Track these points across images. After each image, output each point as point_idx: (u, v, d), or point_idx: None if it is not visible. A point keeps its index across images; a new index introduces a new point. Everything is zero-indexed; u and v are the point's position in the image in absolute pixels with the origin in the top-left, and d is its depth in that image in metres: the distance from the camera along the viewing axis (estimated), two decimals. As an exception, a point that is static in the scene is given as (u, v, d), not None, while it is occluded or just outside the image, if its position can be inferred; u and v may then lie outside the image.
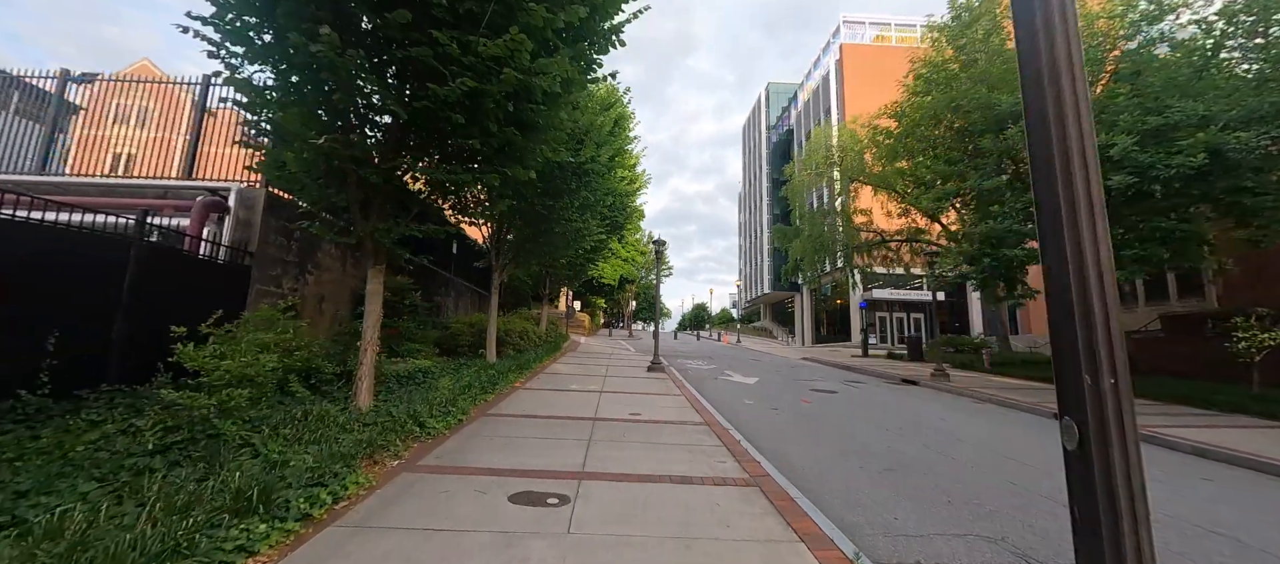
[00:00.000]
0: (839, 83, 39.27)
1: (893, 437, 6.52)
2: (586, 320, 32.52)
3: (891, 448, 5.91)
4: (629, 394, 8.59)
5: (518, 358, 11.39)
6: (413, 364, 8.56)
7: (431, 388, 6.97)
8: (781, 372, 15.01)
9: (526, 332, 13.76)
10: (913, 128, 14.76)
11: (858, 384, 12.39)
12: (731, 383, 11.72)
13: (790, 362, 19.80)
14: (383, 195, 5.63)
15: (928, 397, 10.67)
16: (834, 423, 7.31)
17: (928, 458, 5.52)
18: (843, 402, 9.41)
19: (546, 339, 17.53)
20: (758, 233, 56.46)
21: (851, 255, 24.60)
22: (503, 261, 11.25)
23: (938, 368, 12.78)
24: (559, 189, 10.03)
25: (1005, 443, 6.47)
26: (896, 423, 7.46)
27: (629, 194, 18.10)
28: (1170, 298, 18.66)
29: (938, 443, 6.27)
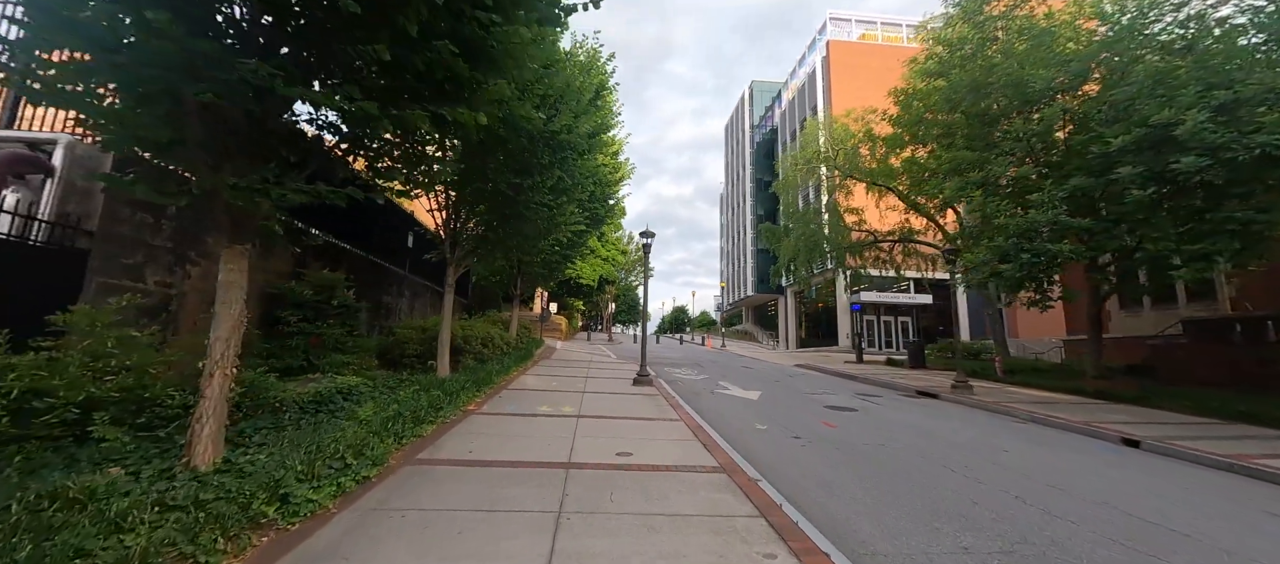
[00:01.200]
0: (826, 80, 38.33)
1: (969, 483, 4.89)
2: (563, 324, 30.50)
3: (979, 504, 4.27)
4: (614, 419, 6.78)
5: (478, 370, 9.45)
6: (333, 384, 6.56)
7: (339, 423, 5.03)
8: (780, 382, 13.41)
9: (491, 338, 11.80)
10: (924, 114, 13.40)
11: (873, 398, 10.86)
12: (731, 398, 10.02)
13: (784, 369, 18.28)
14: (247, 136, 3.70)
15: (963, 416, 9.17)
16: (882, 460, 5.65)
17: (1041, 523, 3.89)
18: (871, 424, 7.81)
19: (517, 345, 15.55)
20: (740, 234, 55.31)
21: (844, 256, 23.34)
22: (460, 254, 9.30)
23: (959, 379, 11.36)
24: (528, 164, 8.17)
25: (1116, 490, 4.91)
26: (958, 459, 5.85)
27: (611, 184, 16.31)
28: (1178, 302, 17.87)
29: (1033, 493, 4.66)
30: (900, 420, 8.25)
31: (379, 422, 4.97)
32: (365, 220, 11.47)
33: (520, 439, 5.47)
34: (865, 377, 14.87)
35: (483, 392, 8.24)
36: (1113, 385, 12.12)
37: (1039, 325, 33.15)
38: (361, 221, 11.33)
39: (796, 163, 24.70)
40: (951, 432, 7.49)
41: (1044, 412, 9.12)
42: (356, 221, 11.11)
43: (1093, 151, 9.22)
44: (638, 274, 53.54)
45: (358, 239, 11.13)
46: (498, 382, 9.35)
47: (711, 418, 7.64)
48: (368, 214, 11.60)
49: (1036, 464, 5.79)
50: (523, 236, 9.69)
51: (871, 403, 10.10)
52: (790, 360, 23.90)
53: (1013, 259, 9.37)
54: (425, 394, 6.54)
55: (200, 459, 3.44)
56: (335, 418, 5.51)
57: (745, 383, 12.71)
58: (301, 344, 7.43)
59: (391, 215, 12.98)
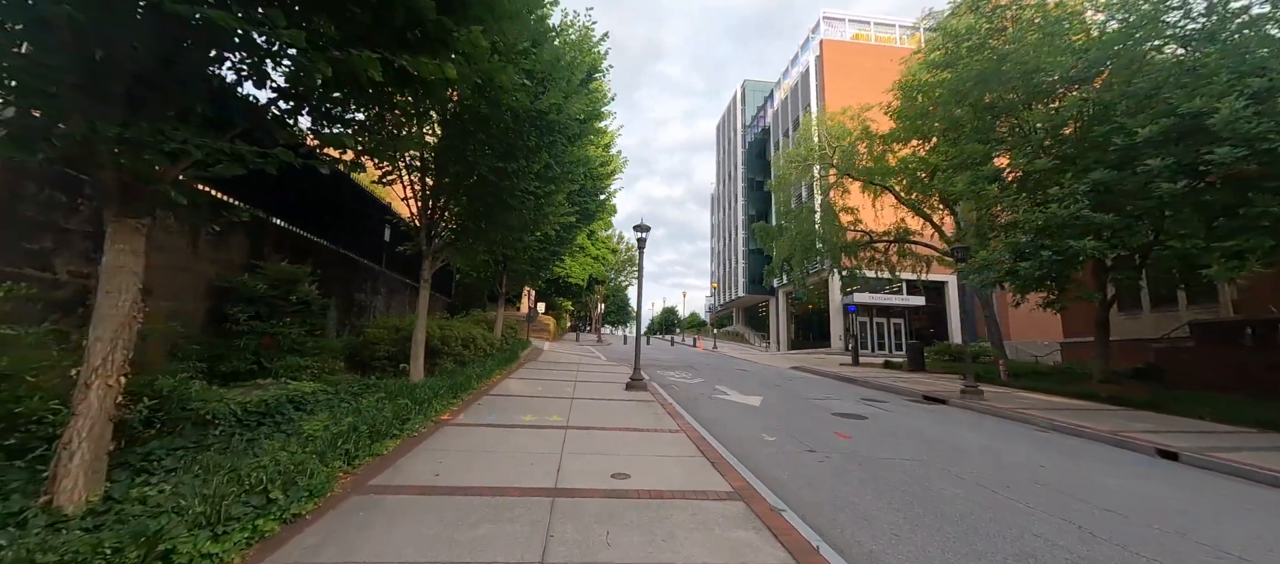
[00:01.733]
0: (819, 79, 37.98)
1: (1019, 509, 4.23)
2: (551, 324, 29.62)
3: (1044, 537, 3.61)
4: (607, 431, 6.02)
5: (456, 374, 8.63)
6: (283, 391, 5.71)
7: (282, 440, 4.21)
8: (780, 386, 12.75)
9: (473, 338, 10.96)
10: (928, 108, 12.87)
11: (879, 404, 10.24)
12: (731, 404, 9.32)
13: (780, 372, 17.67)
14: (150, 81, 2.87)
15: (979, 425, 8.57)
16: (909, 478, 4.98)
17: (1107, 557, 3.23)
18: (886, 434, 7.15)
19: (502, 347, 14.71)
20: (731, 234, 54.84)
21: (840, 255, 22.84)
22: (437, 245, 8.47)
23: (968, 384, 10.79)
24: (513, 146, 7.38)
25: (1183, 517, 4.28)
26: (995, 478, 5.20)
27: (602, 177, 15.55)
28: (1178, 304, 17.62)
29: (1095, 521, 4.01)
30: (915, 429, 7.61)
31: (328, 438, 4.16)
32: (336, 210, 10.58)
33: (498, 457, 4.69)
34: (866, 380, 14.30)
35: (460, 398, 7.43)
36: (1123, 390, 11.67)
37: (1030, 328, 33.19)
38: (332, 211, 10.44)
39: (792, 160, 24.16)
40: (975, 443, 6.85)
41: (1064, 419, 8.56)
42: (327, 211, 10.23)
43: (1114, 143, 8.70)
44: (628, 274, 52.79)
45: (329, 230, 10.24)
46: (478, 386, 8.54)
47: (714, 427, 6.92)
48: (339, 203, 10.71)
49: (1081, 483, 5.16)
50: (507, 228, 8.88)
51: (880, 409, 9.47)
52: (784, 362, 23.33)
53: (1031, 256, 8.81)
54: (391, 402, 5.71)
55: (67, 497, 2.62)
56: (280, 433, 4.68)
57: (744, 387, 12.03)
58: (252, 345, 6.56)
59: (366, 205, 12.08)
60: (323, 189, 10.12)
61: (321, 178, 10.22)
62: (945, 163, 12.25)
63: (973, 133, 11.71)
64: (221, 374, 6.22)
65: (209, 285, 6.83)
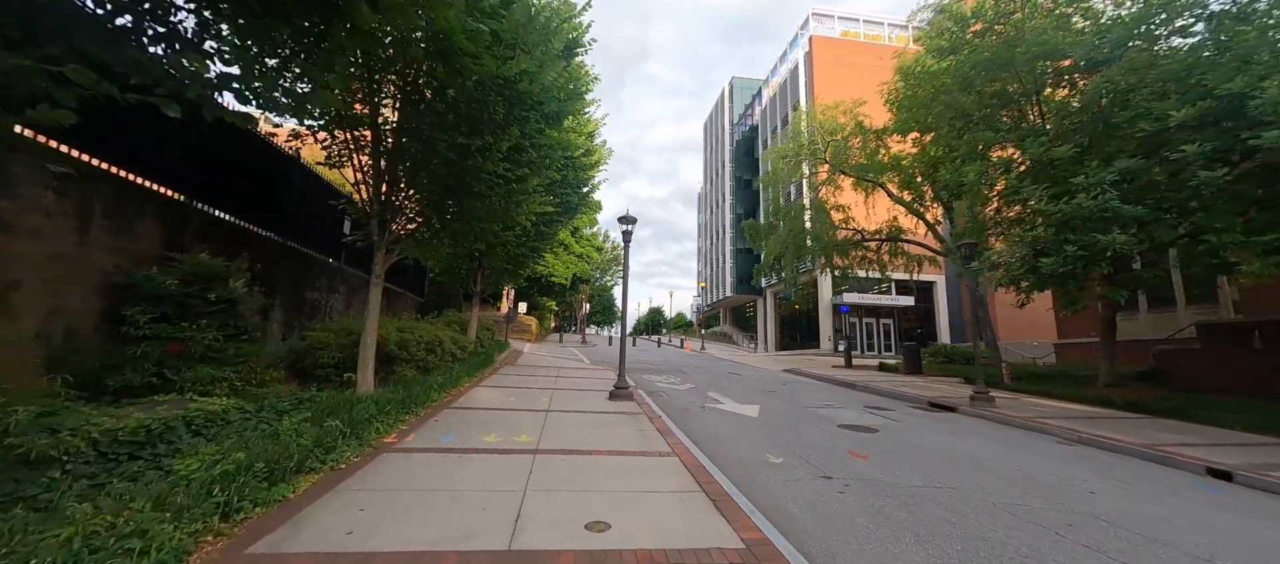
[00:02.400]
0: (809, 76, 37.44)
1: (1095, 557, 3.36)
2: (533, 325, 28.44)
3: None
4: (585, 455, 5.02)
5: (415, 384, 7.54)
6: (182, 411, 4.60)
7: (147, 485, 3.14)
8: (775, 392, 11.89)
9: (439, 342, 9.86)
10: (932, 97, 12.14)
11: (886, 412, 9.42)
12: (726, 414, 8.39)
13: (773, 376, 16.84)
14: None
15: (1000, 437, 7.79)
16: (952, 515, 4.09)
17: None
18: (904, 452, 6.28)
19: (476, 350, 13.59)
20: (719, 233, 54.18)
21: (832, 254, 22.16)
22: (392, 237, 7.36)
23: (979, 390, 10.03)
24: (478, 119, 6.34)
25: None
26: (1047, 512, 4.35)
27: (584, 167, 14.52)
28: (1176, 305, 17.26)
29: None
30: (935, 446, 6.76)
31: (201, 484, 3.08)
32: (284, 197, 9.38)
33: (441, 498, 3.66)
34: (864, 385, 13.52)
35: (414, 413, 6.35)
36: (1135, 394, 11.06)
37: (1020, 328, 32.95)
38: (279, 198, 9.25)
39: (783, 155, 23.41)
40: (1006, 462, 6.02)
41: (1088, 430, 7.82)
42: (272, 198, 9.04)
43: (1142, 129, 7.98)
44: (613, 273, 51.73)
45: (274, 220, 9.05)
46: (439, 398, 7.45)
47: (711, 446, 5.97)
48: (287, 189, 9.51)
49: (1151, 518, 4.32)
50: (475, 218, 7.81)
51: (888, 419, 8.63)
52: (775, 364, 22.57)
53: (1054, 252, 8.05)
54: (314, 426, 4.63)
55: None
56: (156, 470, 3.59)
57: (737, 394, 11.12)
58: (154, 353, 5.40)
59: (321, 193, 10.86)
60: (267, 172, 8.95)
61: (266, 160, 9.03)
62: (952, 153, 11.50)
63: (982, 121, 10.97)
64: (111, 390, 5.06)
65: (104, 281, 5.64)
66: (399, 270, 15.62)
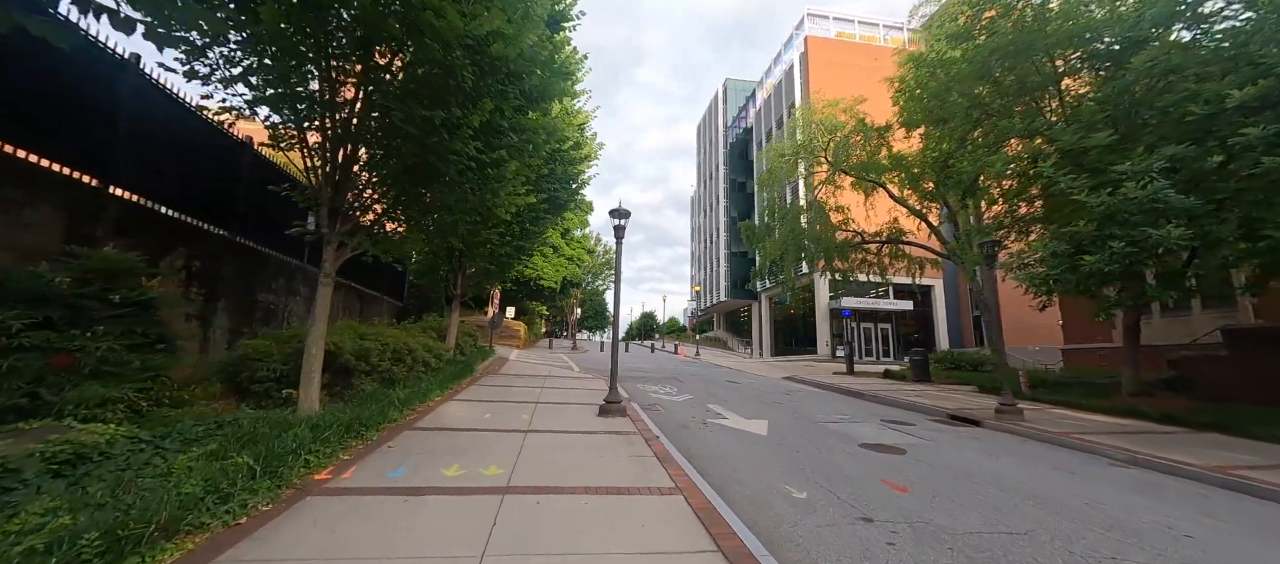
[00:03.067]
0: (804, 77, 36.85)
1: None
2: (522, 330, 27.29)
3: None
4: (567, 494, 4.01)
5: (370, 401, 6.48)
6: (43, 444, 3.54)
7: None
8: (781, 404, 10.94)
9: (409, 350, 8.80)
10: (945, 87, 11.32)
11: (907, 428, 8.50)
12: (731, 432, 7.42)
13: (774, 384, 15.91)
14: None
15: (1048, 459, 6.89)
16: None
17: None
18: (944, 479, 5.35)
19: (456, 358, 12.52)
20: (713, 237, 53.42)
21: (832, 257, 21.35)
22: (346, 229, 6.33)
23: (1006, 402, 9.15)
24: (443, 90, 5.35)
25: None
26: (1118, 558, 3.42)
27: (574, 161, 13.55)
28: (1192, 310, 16.60)
29: None
30: (978, 472, 5.83)
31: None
32: (232, 187, 8.31)
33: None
34: (874, 394, 12.62)
35: (366, 436, 5.31)
36: (1167, 405, 10.26)
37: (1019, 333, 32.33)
38: (227, 188, 8.19)
39: (781, 154, 22.62)
40: (1066, 494, 5.10)
41: (1139, 449, 6.94)
42: (218, 188, 7.98)
43: (1192, 113, 7.17)
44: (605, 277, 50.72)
45: (220, 212, 7.98)
46: (402, 415, 6.40)
47: (719, 475, 5.00)
48: (236, 178, 8.44)
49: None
50: (445, 208, 6.80)
51: (912, 436, 7.70)
52: (773, 371, 21.66)
53: (1098, 249, 7.19)
54: (212, 463, 3.59)
55: None
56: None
57: (741, 406, 10.15)
58: (29, 367, 4.32)
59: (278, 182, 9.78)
60: (211, 159, 7.88)
61: (209, 144, 7.94)
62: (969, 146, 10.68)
63: (1001, 111, 10.17)
64: (-37, 414, 3.98)
65: (-25, 274, 4.56)
66: (374, 272, 14.52)
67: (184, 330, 7.14)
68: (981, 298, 20.16)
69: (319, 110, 5.77)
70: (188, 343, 7.21)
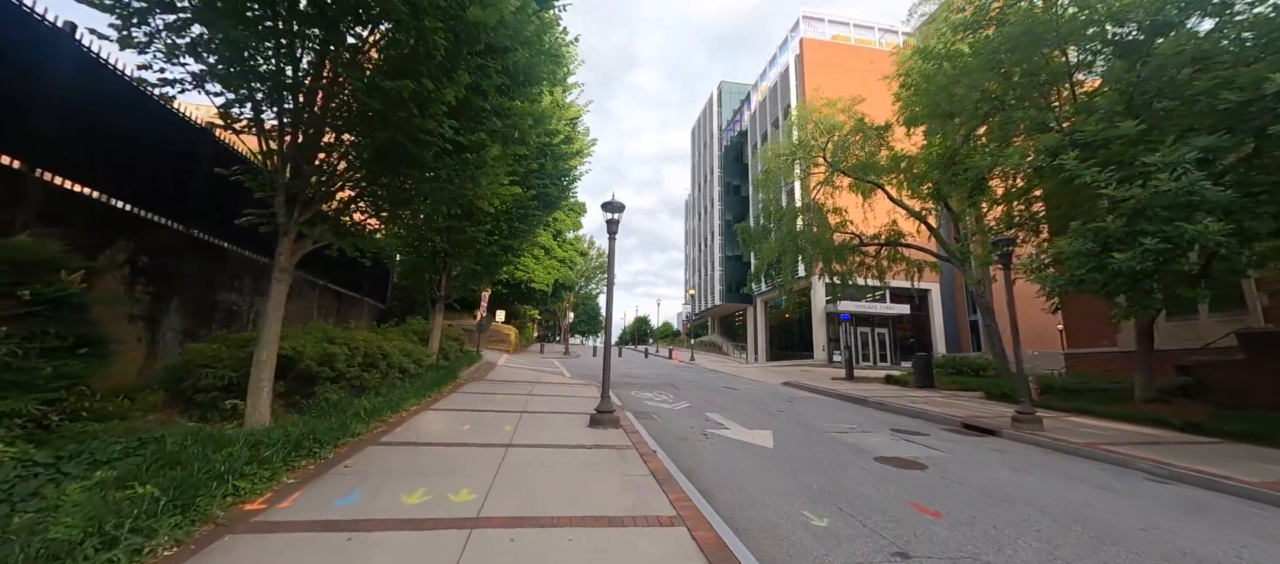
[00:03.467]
0: (799, 79, 36.54)
1: None
2: (512, 334, 26.52)
3: None
4: (549, 527, 3.34)
5: (329, 413, 5.79)
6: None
7: None
8: (783, 412, 10.34)
9: (385, 355, 8.11)
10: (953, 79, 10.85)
11: (922, 439, 7.92)
12: (736, 446, 6.79)
13: (773, 390, 15.32)
14: None
15: (1079, 473, 6.34)
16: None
17: None
18: (975, 500, 4.76)
19: (439, 363, 11.81)
20: (707, 241, 52.96)
21: (831, 259, 20.87)
22: (304, 219, 5.64)
23: (1023, 411, 8.61)
24: (411, 59, 4.71)
25: None
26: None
27: (565, 156, 12.93)
28: (1198, 313, 16.25)
29: None
30: (1010, 490, 5.24)
31: None
32: (186, 175, 7.58)
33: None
34: (879, 401, 12.05)
35: (316, 456, 4.62)
36: (1186, 412, 9.79)
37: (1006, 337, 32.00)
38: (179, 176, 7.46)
39: (779, 154, 22.16)
40: (1115, 516, 4.52)
41: (1176, 462, 6.40)
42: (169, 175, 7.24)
43: (1226, 99, 6.69)
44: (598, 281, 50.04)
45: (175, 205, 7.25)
46: (364, 429, 5.70)
47: (727, 498, 4.36)
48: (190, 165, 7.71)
49: None
50: (420, 196, 6.14)
51: (929, 448, 7.12)
52: (770, 376, 21.08)
53: (1129, 246, 6.67)
54: (113, 493, 2.90)
55: None
56: None
57: (741, 414, 9.53)
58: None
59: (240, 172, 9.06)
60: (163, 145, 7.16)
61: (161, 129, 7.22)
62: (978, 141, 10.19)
63: (1015, 103, 9.70)
64: None
65: None
66: (354, 272, 13.77)
67: (126, 332, 6.42)
68: (982, 301, 19.75)
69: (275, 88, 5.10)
70: (130, 346, 6.49)
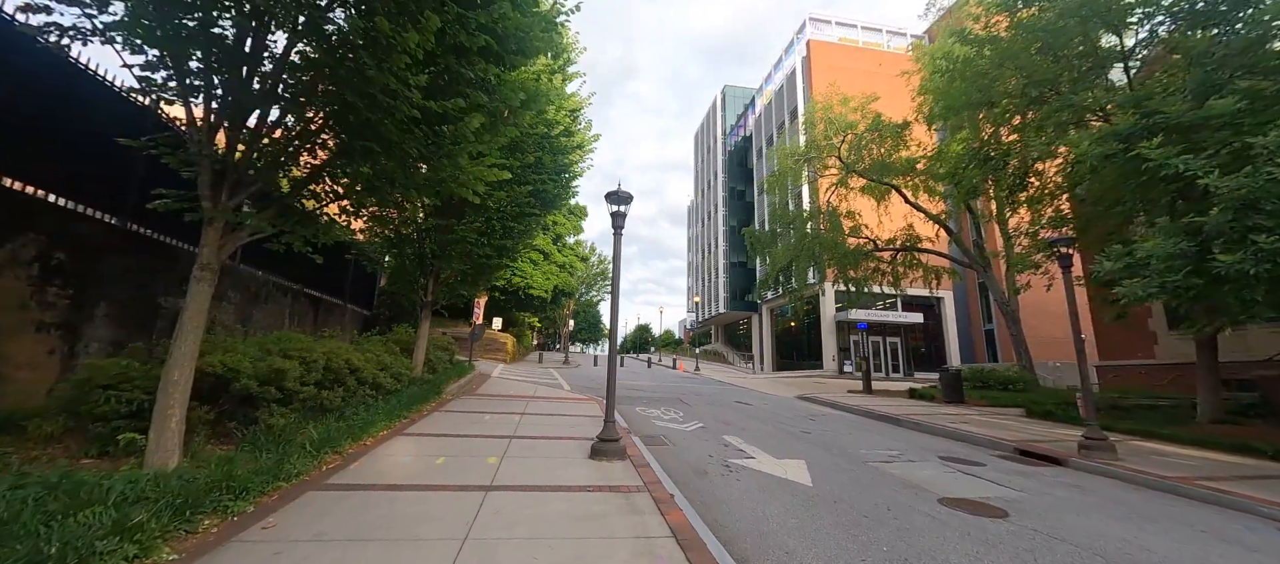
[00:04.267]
0: (806, 81, 35.61)
1: None
2: (510, 343, 25.32)
3: None
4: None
5: (276, 443, 4.65)
6: None
7: None
8: (810, 433, 9.17)
9: (354, 370, 6.98)
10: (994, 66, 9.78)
11: (979, 471, 6.75)
12: (768, 483, 5.62)
13: (790, 405, 14.14)
14: None
15: (1211, 525, 5.18)
16: None
17: None
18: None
19: (424, 376, 10.67)
20: (711, 247, 51.87)
21: (845, 265, 19.76)
22: (231, 202, 4.52)
23: (1091, 435, 7.43)
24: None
25: None
26: None
27: (565, 149, 11.87)
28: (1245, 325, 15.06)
29: None
30: (1132, 552, 4.07)
31: None
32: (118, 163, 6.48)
33: None
34: (912, 420, 10.86)
35: (227, 515, 3.47)
36: (1272, 436, 8.61)
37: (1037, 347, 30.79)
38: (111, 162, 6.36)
39: (791, 154, 21.13)
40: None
41: (1303, 505, 5.23)
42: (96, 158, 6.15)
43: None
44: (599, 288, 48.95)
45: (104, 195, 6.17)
46: (309, 467, 4.55)
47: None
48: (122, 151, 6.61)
49: None
50: (386, 179, 5.04)
51: (997, 485, 5.94)
52: (781, 388, 19.87)
53: (1238, 246, 5.54)
54: None
55: None
56: None
57: (763, 436, 8.36)
58: None
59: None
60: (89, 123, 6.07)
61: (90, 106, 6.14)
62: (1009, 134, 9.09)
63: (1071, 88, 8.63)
64: None
65: None
66: (335, 275, 12.67)
67: (30, 346, 5.31)
68: (1009, 309, 18.60)
69: (201, 37, 4.01)
70: (38, 362, 5.38)
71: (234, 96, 4.27)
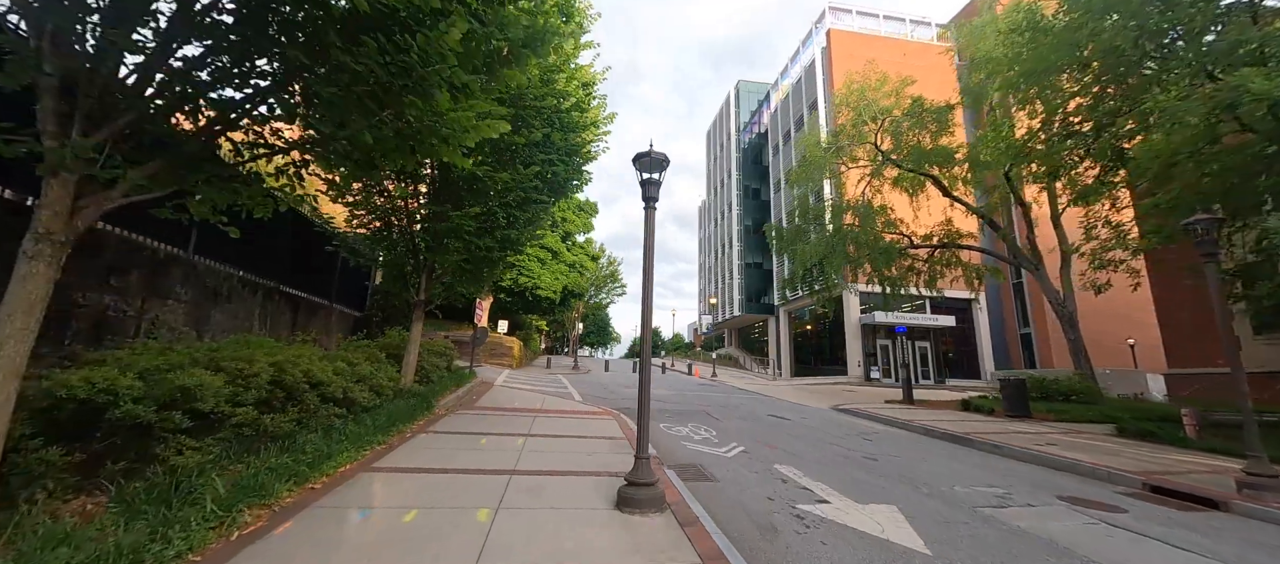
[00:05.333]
0: (826, 74, 33.99)
1: None
2: (516, 347, 23.83)
3: None
4: None
5: (158, 501, 3.16)
6: None
7: None
8: (875, 460, 7.58)
9: (315, 384, 5.53)
10: (1091, 17, 8.14)
11: (1112, 517, 5.15)
12: (866, 548, 4.05)
13: (827, 417, 12.51)
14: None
15: None
16: None
17: None
18: None
19: (414, 388, 9.22)
20: (724, 248, 50.22)
21: (880, 263, 18.11)
22: (91, 138, 3.05)
23: (1261, 473, 5.77)
24: None
25: None
26: None
27: (577, 126, 10.39)
28: None
29: None
30: None
31: None
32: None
33: None
34: (990, 442, 9.18)
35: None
36: None
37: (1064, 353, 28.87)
38: None
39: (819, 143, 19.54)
40: None
41: None
42: None
43: None
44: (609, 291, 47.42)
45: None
46: (206, 538, 3.06)
47: None
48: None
49: None
50: (328, 112, 3.55)
51: (1186, 551, 4.31)
52: (810, 397, 18.19)
53: None
54: None
55: None
56: None
57: (824, 467, 6.76)
58: None
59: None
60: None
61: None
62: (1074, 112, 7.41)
63: (1190, 38, 6.97)
64: None
65: None
66: (322, 272, 11.28)
67: None
68: (1065, 311, 16.80)
69: None
70: None
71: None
